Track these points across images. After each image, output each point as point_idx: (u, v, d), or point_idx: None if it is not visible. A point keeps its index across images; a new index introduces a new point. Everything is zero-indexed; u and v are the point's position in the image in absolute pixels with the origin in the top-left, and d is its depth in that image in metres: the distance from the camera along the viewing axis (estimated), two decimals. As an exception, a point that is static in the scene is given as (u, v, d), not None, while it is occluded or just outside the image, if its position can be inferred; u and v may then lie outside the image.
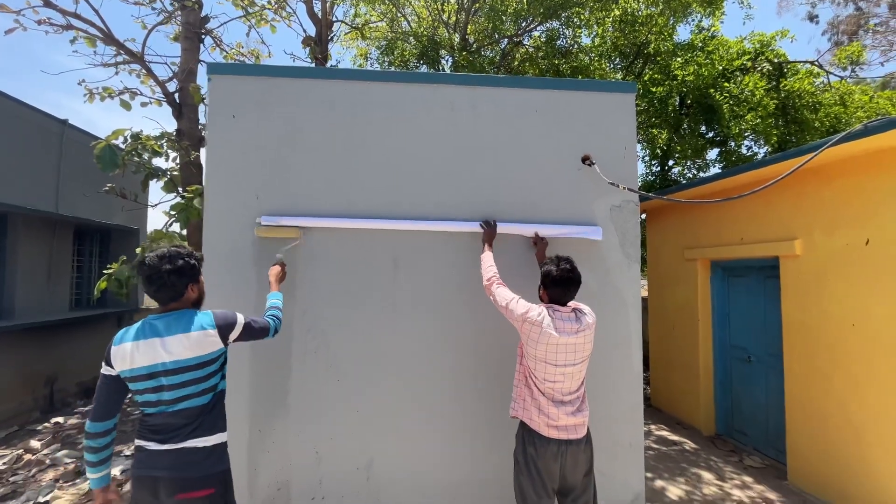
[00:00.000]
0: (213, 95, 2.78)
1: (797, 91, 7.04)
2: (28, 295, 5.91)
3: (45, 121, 6.30)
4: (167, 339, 1.72)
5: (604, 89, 2.99)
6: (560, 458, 2.06)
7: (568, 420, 2.07)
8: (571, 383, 2.11)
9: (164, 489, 1.69)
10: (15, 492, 3.75)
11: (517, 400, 2.23)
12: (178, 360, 1.72)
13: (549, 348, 2.05)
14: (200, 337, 1.76)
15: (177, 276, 1.78)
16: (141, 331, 1.75)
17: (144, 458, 1.73)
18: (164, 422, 1.74)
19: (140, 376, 1.71)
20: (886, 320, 3.14)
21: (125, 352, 1.71)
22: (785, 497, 3.68)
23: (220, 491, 1.79)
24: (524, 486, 2.12)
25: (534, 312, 2.10)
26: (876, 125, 2.88)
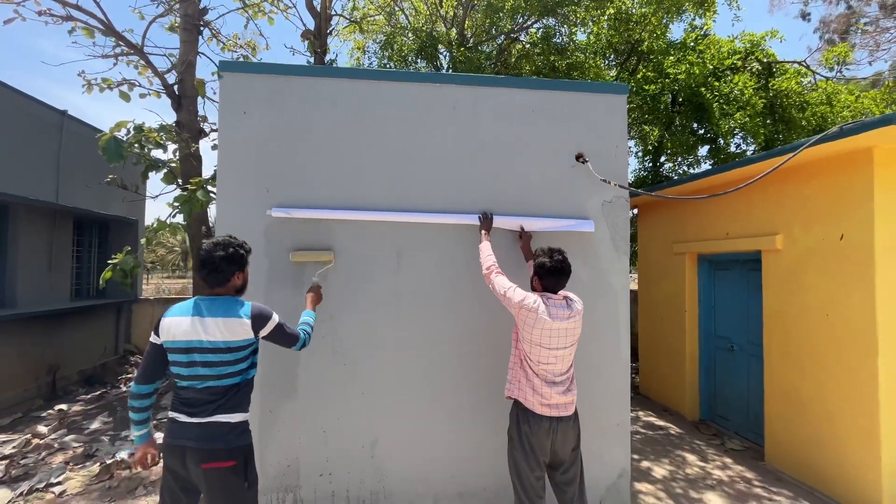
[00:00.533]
0: (224, 92, 2.89)
1: (785, 91, 7.24)
2: (29, 284, 5.97)
3: (45, 112, 6.32)
4: (206, 319, 1.90)
5: (597, 90, 3.15)
6: (552, 434, 2.25)
7: (559, 399, 2.26)
8: (563, 365, 2.29)
9: (191, 458, 1.86)
10: (27, 473, 3.88)
11: (512, 381, 2.40)
12: (212, 341, 1.89)
13: (544, 333, 2.22)
14: (235, 324, 1.92)
15: (227, 262, 1.97)
16: (187, 308, 1.94)
17: (176, 428, 1.90)
18: (192, 396, 1.90)
19: (178, 349, 1.89)
20: (857, 311, 3.36)
21: (170, 324, 1.91)
22: (762, 476, 3.92)
23: (241, 464, 1.94)
24: (518, 460, 2.30)
25: (530, 300, 2.27)
26: (851, 127, 3.07)
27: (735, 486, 3.76)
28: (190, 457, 1.87)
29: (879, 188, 3.27)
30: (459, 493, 2.92)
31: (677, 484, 3.77)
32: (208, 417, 1.89)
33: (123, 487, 3.67)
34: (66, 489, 3.63)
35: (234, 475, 1.91)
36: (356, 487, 2.86)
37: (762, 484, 3.79)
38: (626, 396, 3.09)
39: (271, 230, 2.86)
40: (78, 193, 6.71)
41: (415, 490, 2.91)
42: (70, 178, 6.58)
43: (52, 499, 3.50)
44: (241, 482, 1.93)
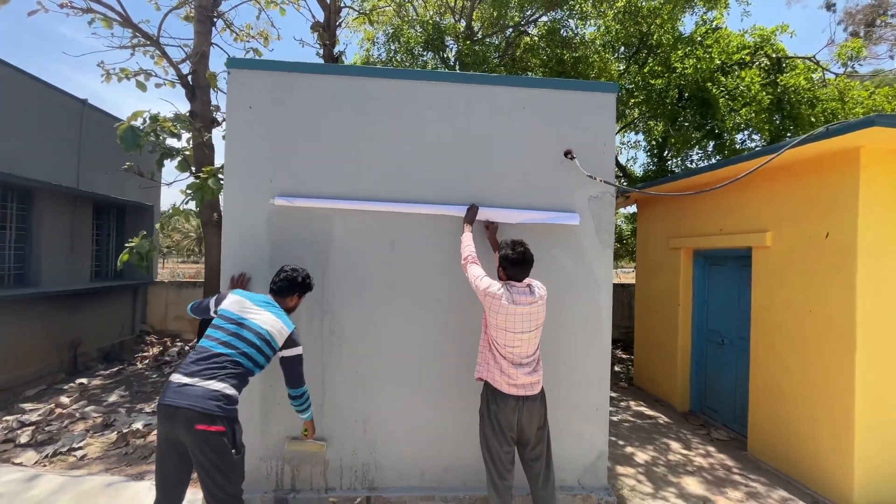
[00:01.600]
0: (232, 87, 3.08)
1: (793, 87, 7.18)
2: (52, 265, 6.31)
3: (67, 100, 6.60)
4: (263, 308, 2.39)
5: (587, 89, 3.26)
6: (518, 412, 2.43)
7: (525, 379, 2.43)
8: (528, 347, 2.46)
9: (182, 420, 2.00)
10: (51, 439, 4.20)
11: (482, 364, 2.59)
12: (257, 324, 2.31)
13: (508, 318, 2.40)
14: (279, 325, 2.36)
15: (301, 287, 2.58)
16: (253, 297, 2.46)
17: (171, 390, 2.07)
18: (205, 358, 2.14)
19: (227, 318, 2.31)
20: (838, 307, 3.46)
21: (234, 300, 2.40)
22: (742, 464, 4.06)
23: (230, 434, 2.09)
24: (488, 437, 2.50)
25: (494, 287, 2.45)
26: (836, 128, 3.14)
27: (714, 472, 3.91)
28: (181, 417, 1.99)
29: (865, 188, 3.33)
30: (445, 466, 3.13)
31: (658, 469, 3.93)
32: (208, 381, 2.07)
33: (137, 454, 3.96)
34: (86, 454, 3.94)
35: (221, 440, 2.03)
36: (349, 458, 3.09)
37: (741, 472, 3.93)
38: (606, 382, 3.25)
39: (273, 218, 3.06)
40: (97, 179, 7.02)
41: (404, 463, 3.13)
42: (90, 164, 6.88)
43: (73, 461, 3.81)
44: (228, 448, 2.06)
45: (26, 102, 5.89)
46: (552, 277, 3.19)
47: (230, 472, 2.08)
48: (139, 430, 4.37)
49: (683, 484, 3.68)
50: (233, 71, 3.06)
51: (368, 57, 9.27)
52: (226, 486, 2.07)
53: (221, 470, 2.05)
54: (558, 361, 3.19)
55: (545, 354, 3.16)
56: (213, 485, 2.05)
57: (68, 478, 3.39)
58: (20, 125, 5.77)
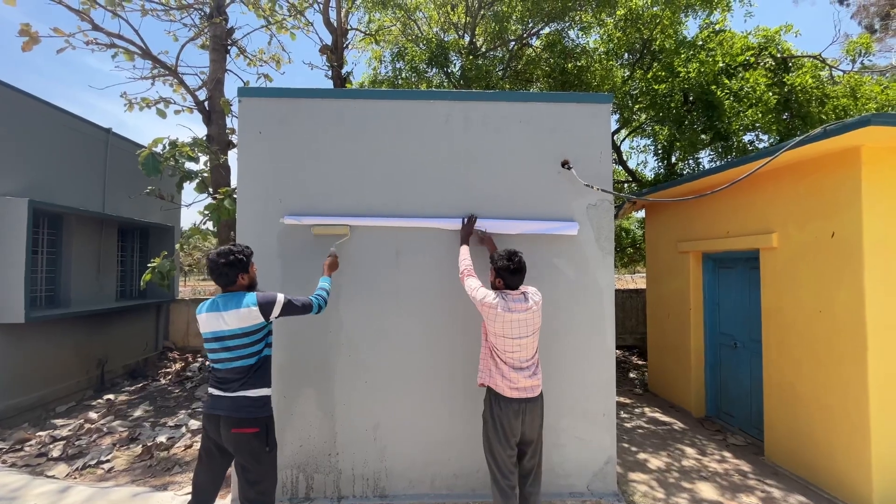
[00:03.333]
0: (242, 114, 3.27)
1: (800, 86, 7.12)
2: (81, 286, 6.63)
3: (93, 130, 6.99)
4: (224, 312, 2.30)
5: (581, 101, 3.35)
6: (521, 414, 2.51)
7: (526, 382, 2.51)
8: (527, 352, 2.55)
9: (223, 424, 2.27)
10: (81, 452, 4.40)
11: (483, 370, 2.67)
12: (231, 329, 2.29)
13: (506, 325, 2.49)
14: (246, 313, 2.30)
15: (228, 267, 2.36)
16: (210, 305, 2.35)
17: (212, 400, 2.33)
18: (223, 376, 2.31)
19: (209, 339, 2.32)
20: (847, 306, 3.42)
21: (202, 320, 2.36)
22: (758, 469, 4.00)
23: (263, 432, 2.32)
24: (492, 440, 2.57)
25: (490, 297, 2.54)
26: (833, 128, 3.15)
27: (729, 478, 3.86)
28: (223, 423, 2.28)
29: (867, 186, 3.32)
30: (454, 473, 3.19)
31: (671, 474, 3.90)
32: (235, 392, 2.29)
33: (161, 466, 4.12)
34: (113, 466, 4.12)
35: (257, 440, 2.29)
36: (360, 466, 3.18)
37: (757, 477, 3.87)
38: (612, 387, 3.28)
39: (284, 235, 3.22)
40: (121, 203, 7.37)
41: (414, 470, 3.20)
42: (114, 189, 7.25)
43: (101, 474, 3.99)
44: (262, 446, 2.31)
45: (55, 133, 6.26)
46: (555, 286, 3.26)
47: (264, 472, 2.30)
48: (163, 443, 4.55)
49: (697, 490, 3.65)
50: (243, 99, 3.25)
51: (376, 75, 9.54)
52: (261, 478, 2.30)
53: (254, 467, 2.28)
54: (564, 368, 3.24)
55: (550, 361, 3.23)
56: (246, 484, 2.29)
57: (97, 489, 3.55)
58: (50, 155, 6.14)
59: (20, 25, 5.58)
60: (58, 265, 6.44)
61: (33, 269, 6.02)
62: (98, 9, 6.35)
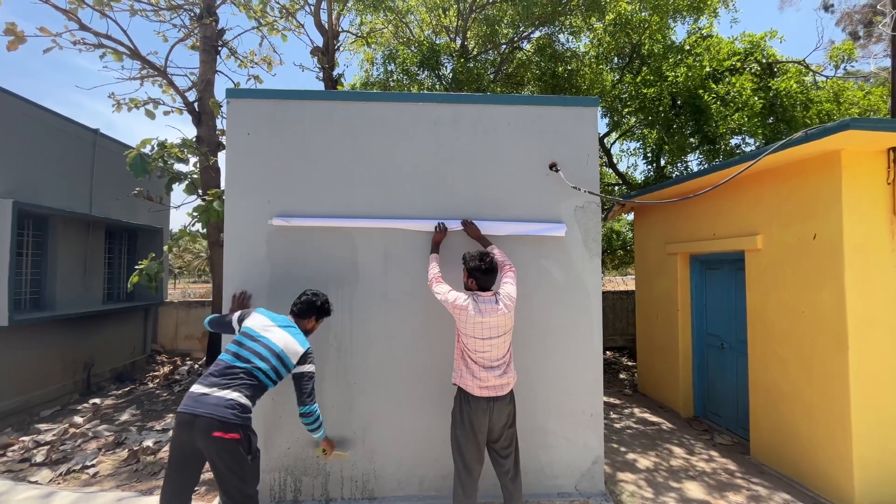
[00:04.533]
0: (231, 115, 3.26)
1: (785, 90, 7.26)
2: (67, 289, 6.53)
3: (80, 131, 6.90)
4: (282, 329, 2.53)
5: (568, 104, 3.39)
6: (489, 413, 2.56)
7: (495, 381, 2.56)
8: (497, 352, 2.58)
9: (199, 426, 2.14)
10: (65, 457, 4.33)
11: (456, 370, 2.70)
12: (275, 343, 2.45)
13: (476, 326, 2.53)
14: (294, 344, 2.49)
15: (313, 307, 2.70)
16: (273, 315, 2.60)
17: (190, 399, 2.24)
18: (225, 370, 2.31)
19: (248, 334, 2.47)
20: (830, 307, 3.49)
21: (258, 317, 2.55)
22: (744, 468, 4.05)
23: (245, 442, 2.25)
24: (459, 437, 2.62)
25: (461, 300, 2.58)
26: (814, 132, 3.22)
27: (716, 477, 3.90)
28: (199, 425, 2.13)
29: (847, 189, 3.40)
30: (443, 475, 3.18)
31: (659, 474, 3.94)
32: (226, 391, 2.24)
33: (147, 471, 4.07)
34: (98, 471, 4.06)
35: (237, 448, 2.20)
36: (349, 468, 3.17)
37: (744, 476, 3.92)
38: (599, 387, 3.31)
39: (272, 237, 3.21)
40: (109, 205, 7.29)
41: (402, 471, 3.20)
42: (102, 190, 7.16)
43: (86, 479, 3.93)
44: (244, 454, 2.24)
45: (41, 134, 6.18)
46: (542, 287, 3.29)
47: (246, 476, 2.26)
48: (149, 448, 4.49)
49: (685, 489, 3.68)
50: (231, 100, 3.25)
51: (368, 77, 9.55)
52: (242, 488, 2.25)
53: (237, 474, 2.22)
54: (551, 369, 3.27)
55: (538, 362, 3.25)
56: (230, 486, 2.22)
57: (81, 494, 3.50)
58: (36, 156, 6.05)
59: (5, 24, 5.51)
60: (43, 267, 6.34)
61: (18, 271, 5.92)
62: (85, 8, 6.29)
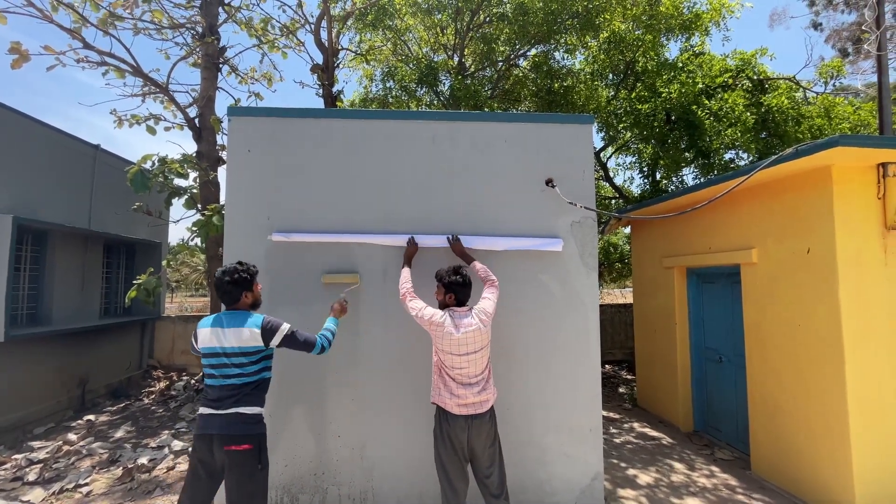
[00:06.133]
0: (232, 133, 3.31)
1: (776, 106, 7.39)
2: (64, 304, 6.51)
3: (80, 146, 6.97)
4: (226, 329, 2.35)
5: (564, 121, 3.46)
6: (467, 430, 2.54)
7: (474, 398, 2.55)
8: (475, 368, 2.57)
9: (216, 443, 2.25)
10: (58, 476, 4.27)
11: (434, 388, 2.68)
12: (230, 347, 2.32)
13: (452, 342, 2.53)
14: (247, 333, 2.34)
15: (233, 285, 2.41)
16: (213, 321, 2.39)
17: (204, 420, 2.30)
18: (216, 394, 2.31)
19: (206, 354, 2.34)
20: (825, 320, 3.51)
21: (203, 334, 2.38)
22: (746, 484, 4.02)
23: (256, 449, 2.31)
24: (441, 455, 2.60)
25: (437, 316, 2.59)
26: (804, 149, 3.29)
27: (717, 493, 3.87)
28: (216, 442, 2.26)
29: (839, 203, 3.45)
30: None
31: (660, 490, 3.91)
32: (229, 409, 2.29)
33: (142, 489, 4.01)
34: (92, 490, 4.00)
35: (250, 457, 2.28)
36: (347, 486, 3.14)
37: (745, 492, 3.89)
38: (598, 402, 3.30)
39: (272, 253, 3.23)
40: (108, 219, 7.31)
41: (401, 488, 3.16)
42: (101, 205, 7.19)
43: (80, 498, 3.87)
44: (255, 464, 2.30)
45: (42, 149, 6.23)
46: (540, 301, 3.31)
47: (255, 492, 2.29)
48: (144, 465, 4.43)
49: (685, 505, 3.65)
50: (232, 118, 3.30)
51: (367, 94, 9.69)
52: (253, 497, 2.28)
53: (247, 490, 2.26)
54: (549, 384, 3.26)
55: (535, 377, 3.26)
56: (241, 497, 2.26)
57: (74, 514, 3.45)
58: (37, 171, 6.10)
59: (10, 44, 5.61)
60: (40, 282, 6.32)
61: (15, 285, 5.91)
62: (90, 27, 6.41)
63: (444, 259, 3.22)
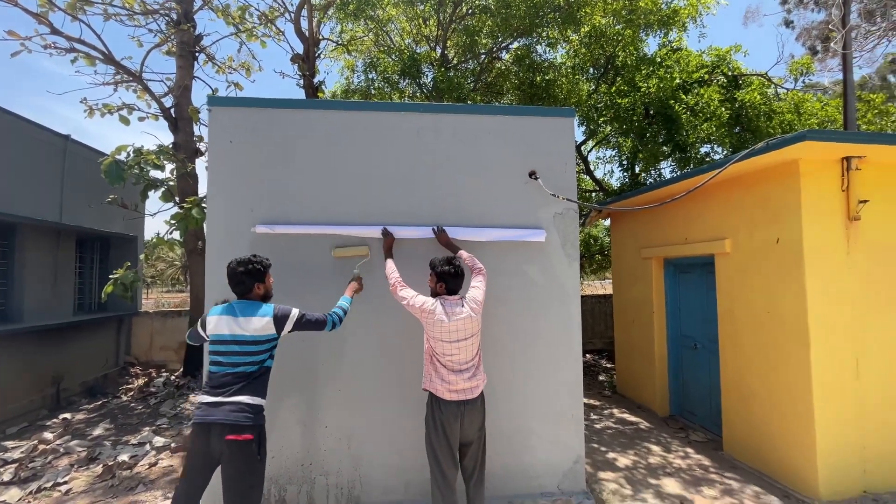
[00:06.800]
0: (213, 123, 3.26)
1: (749, 102, 7.63)
2: (35, 299, 6.30)
3: (49, 136, 6.70)
4: (239, 318, 2.39)
5: (547, 114, 3.52)
6: (460, 416, 2.61)
7: (465, 384, 2.61)
8: (465, 355, 2.64)
9: (216, 432, 2.22)
10: (35, 475, 4.17)
11: (426, 375, 2.74)
12: (242, 335, 2.36)
13: (443, 329, 2.60)
14: (260, 322, 2.38)
15: (246, 275, 2.46)
16: (225, 309, 2.44)
17: (204, 409, 2.28)
18: (221, 380, 2.31)
19: (216, 341, 2.39)
20: (792, 307, 3.69)
21: (213, 321, 2.41)
22: (718, 463, 4.22)
23: (257, 440, 2.31)
24: (433, 442, 2.66)
25: (428, 304, 2.65)
26: (774, 143, 3.43)
27: (692, 472, 4.05)
28: (215, 431, 2.23)
29: (806, 196, 3.62)
30: (428, 479, 3.21)
31: (638, 472, 4.07)
32: (231, 397, 2.27)
33: (124, 486, 3.96)
34: (71, 488, 3.92)
35: (249, 448, 2.26)
36: (334, 476, 3.17)
37: (717, 470, 4.08)
38: (579, 388, 3.41)
39: (256, 245, 3.20)
40: (80, 212, 7.07)
41: (388, 477, 3.22)
42: (73, 197, 6.95)
43: (59, 496, 3.79)
44: (254, 455, 2.29)
45: (8, 140, 5.97)
46: (524, 291, 3.38)
47: (253, 483, 2.29)
48: (125, 462, 4.36)
49: (662, 485, 3.81)
50: (213, 108, 3.24)
51: (349, 84, 9.57)
52: (251, 489, 2.28)
53: (246, 480, 2.26)
54: (532, 372, 3.35)
55: (520, 365, 3.34)
56: (236, 494, 2.25)
57: (54, 512, 3.39)
58: (3, 162, 5.85)
59: (-29, 27, 5.33)
60: (9, 277, 6.09)
61: (-18, 282, 5.69)
62: (57, 12, 6.14)
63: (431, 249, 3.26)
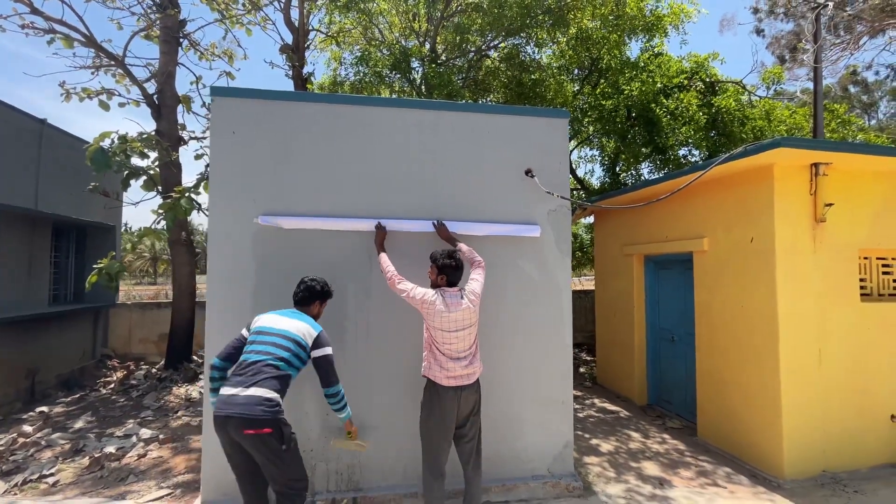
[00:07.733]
0: (216, 113, 3.26)
1: (724, 108, 8.01)
2: (8, 290, 6.07)
3: (24, 120, 6.43)
4: (288, 318, 2.62)
5: (542, 115, 3.66)
6: (457, 401, 2.75)
7: (462, 371, 2.75)
8: (463, 344, 2.77)
9: (232, 425, 2.25)
10: (18, 468, 4.08)
11: (425, 362, 2.85)
12: (283, 329, 2.54)
13: (443, 319, 2.72)
14: (305, 328, 2.59)
15: (311, 290, 2.78)
16: (282, 311, 2.69)
17: (222, 401, 2.32)
18: (244, 368, 2.38)
19: (261, 332, 2.54)
20: (763, 302, 3.97)
21: (264, 317, 2.62)
22: (692, 448, 4.50)
23: (277, 434, 2.31)
24: (429, 427, 2.79)
25: (429, 295, 2.77)
26: (751, 148, 3.68)
27: (669, 456, 4.31)
28: (231, 424, 2.25)
29: (779, 199, 3.89)
30: (426, 464, 3.34)
31: (620, 456, 4.30)
32: (248, 389, 2.30)
33: (114, 476, 3.93)
34: (59, 479, 3.86)
35: (272, 439, 2.29)
36: (334, 462, 3.26)
37: (692, 454, 4.36)
38: (569, 377, 3.59)
39: (258, 236, 3.24)
40: (57, 199, 6.83)
41: (387, 462, 3.32)
42: (49, 184, 6.70)
43: (46, 488, 3.73)
44: (279, 445, 2.31)
45: (-18, 123, 5.73)
46: (519, 284, 3.53)
47: (286, 462, 2.36)
48: (112, 454, 4.32)
49: (642, 467, 4.05)
50: (217, 98, 3.24)
51: (336, 76, 9.51)
52: (285, 473, 2.37)
53: (276, 463, 2.32)
54: (526, 361, 3.51)
55: (514, 355, 3.49)
56: (273, 473, 2.36)
57: (46, 503, 3.35)
58: (-25, 146, 5.61)
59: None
60: (-19, 267, 5.87)
61: (-47, 270, 5.46)
62: (35, -10, 5.90)
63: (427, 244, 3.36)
